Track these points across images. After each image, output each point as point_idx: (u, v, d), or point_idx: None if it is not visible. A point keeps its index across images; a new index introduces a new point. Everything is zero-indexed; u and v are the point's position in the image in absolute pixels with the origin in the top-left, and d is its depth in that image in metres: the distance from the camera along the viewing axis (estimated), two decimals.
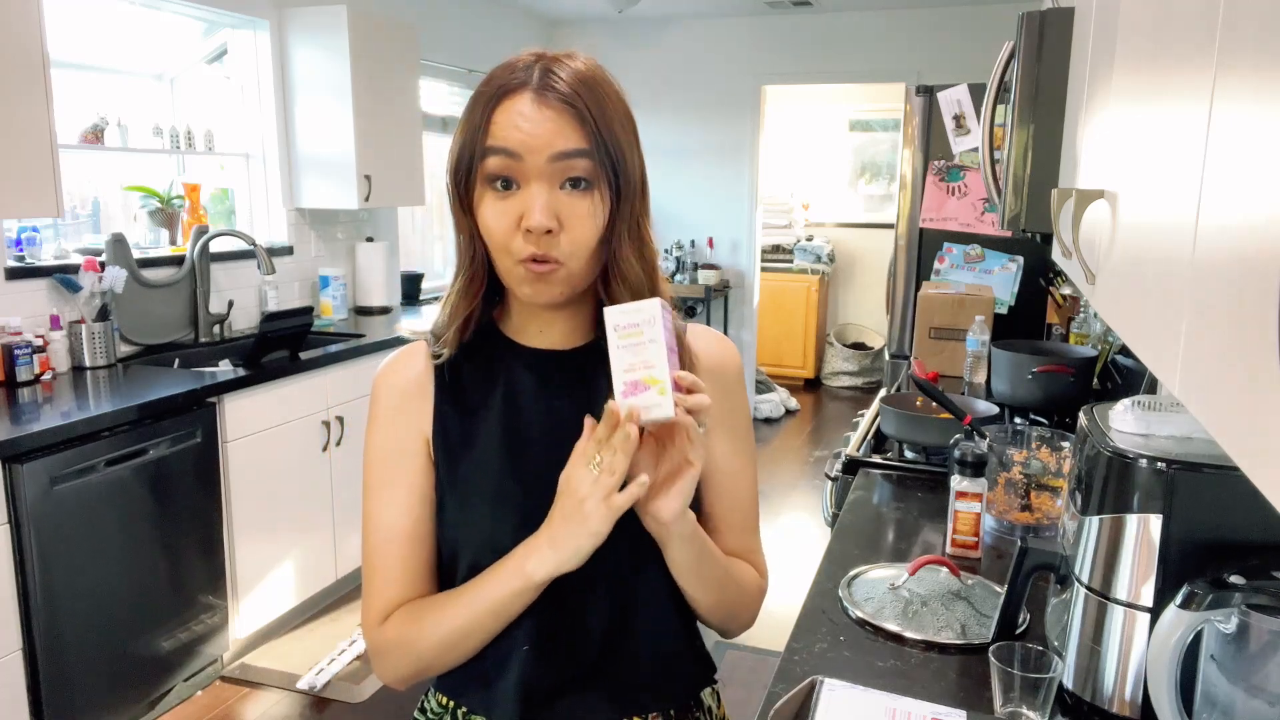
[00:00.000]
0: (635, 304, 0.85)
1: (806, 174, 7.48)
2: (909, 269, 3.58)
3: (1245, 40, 0.53)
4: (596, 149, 0.88)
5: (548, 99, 0.88)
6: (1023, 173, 1.54)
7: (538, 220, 0.87)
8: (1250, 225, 0.51)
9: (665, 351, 0.83)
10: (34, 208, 2.55)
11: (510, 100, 0.89)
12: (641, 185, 0.95)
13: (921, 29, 5.55)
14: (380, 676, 1.00)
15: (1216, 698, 0.92)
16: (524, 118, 0.87)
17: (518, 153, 0.87)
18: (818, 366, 7.17)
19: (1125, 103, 0.93)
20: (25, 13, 2.43)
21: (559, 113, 0.87)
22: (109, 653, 2.52)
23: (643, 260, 0.94)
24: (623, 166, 0.91)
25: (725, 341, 1.06)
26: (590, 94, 0.89)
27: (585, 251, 0.90)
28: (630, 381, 0.84)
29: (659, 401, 0.83)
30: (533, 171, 0.88)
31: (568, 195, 0.89)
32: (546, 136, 0.87)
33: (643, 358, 0.83)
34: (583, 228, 0.89)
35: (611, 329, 0.84)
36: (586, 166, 0.88)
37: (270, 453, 3.04)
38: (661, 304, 0.85)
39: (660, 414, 0.83)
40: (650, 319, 0.83)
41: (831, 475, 2.09)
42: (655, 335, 0.83)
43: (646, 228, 0.96)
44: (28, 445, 2.26)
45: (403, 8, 4.51)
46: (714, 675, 1.09)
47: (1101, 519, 1.04)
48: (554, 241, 0.88)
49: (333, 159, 3.85)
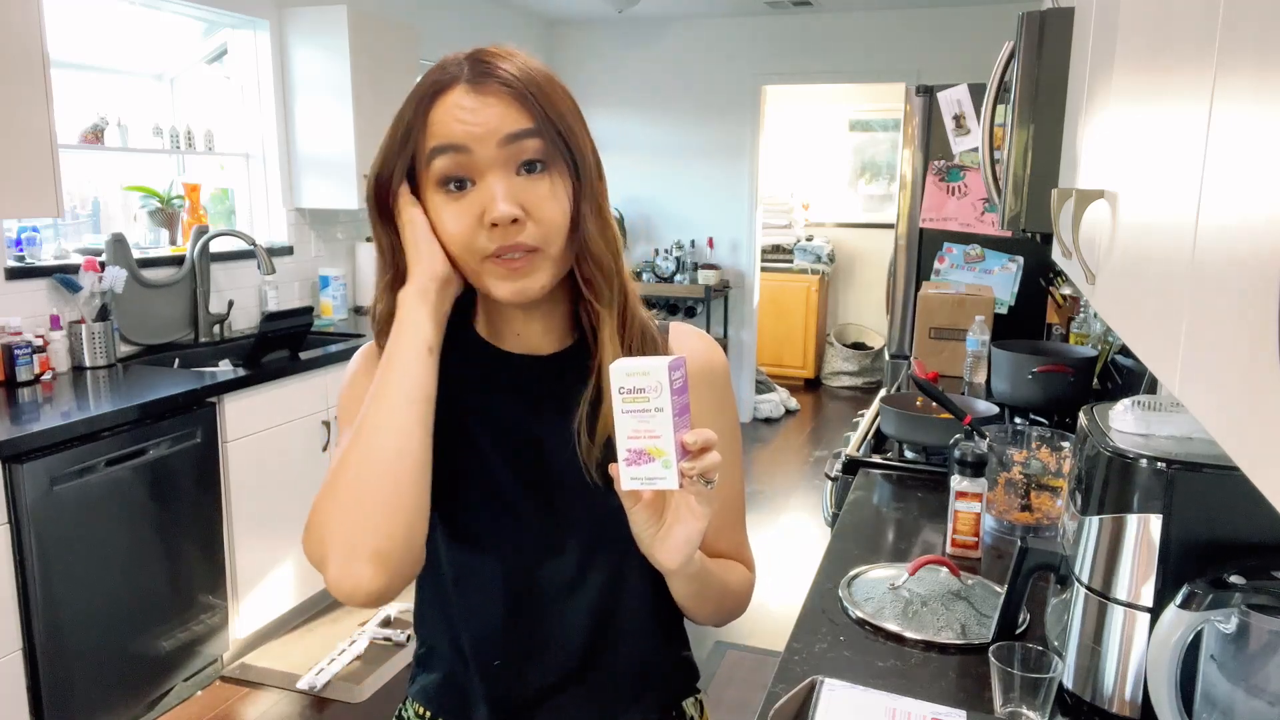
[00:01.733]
0: (642, 364, 0.79)
1: (806, 174, 7.48)
2: (909, 269, 3.58)
3: (1245, 40, 0.53)
4: (544, 127, 0.84)
5: (485, 85, 0.84)
6: (1023, 173, 1.54)
7: (502, 210, 0.82)
8: (1250, 225, 0.51)
9: (672, 419, 0.78)
10: (34, 208, 2.55)
11: (445, 96, 0.84)
12: (597, 166, 0.91)
13: (921, 29, 5.55)
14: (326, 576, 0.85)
15: (1216, 698, 0.92)
16: (463, 109, 0.83)
17: (465, 145, 0.83)
18: (818, 366, 7.17)
19: (1125, 102, 0.93)
20: (25, 13, 2.44)
21: (499, 96, 0.84)
22: (109, 653, 2.52)
23: (608, 242, 0.90)
24: (575, 143, 0.87)
25: (709, 341, 1.03)
26: (527, 76, 0.85)
27: (559, 233, 0.86)
28: (634, 450, 0.79)
29: (663, 475, 0.79)
30: (484, 162, 0.84)
31: (525, 180, 0.85)
32: (492, 122, 0.83)
33: (648, 426, 0.78)
34: (550, 209, 0.85)
35: (616, 390, 0.79)
36: (538, 146, 0.84)
37: (270, 453, 3.04)
38: (670, 364, 0.79)
39: (664, 486, 0.80)
40: (657, 385, 0.78)
41: (831, 475, 2.09)
42: (662, 403, 0.78)
43: (608, 212, 0.92)
44: (28, 445, 2.26)
45: (403, 8, 4.51)
46: (696, 684, 1.08)
47: (1101, 519, 1.04)
48: (522, 229, 0.84)
49: (333, 159, 3.85)
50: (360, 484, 0.84)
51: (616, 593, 0.96)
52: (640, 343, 0.94)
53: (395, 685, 2.90)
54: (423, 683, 1.03)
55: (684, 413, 0.80)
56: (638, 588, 0.96)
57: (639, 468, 0.79)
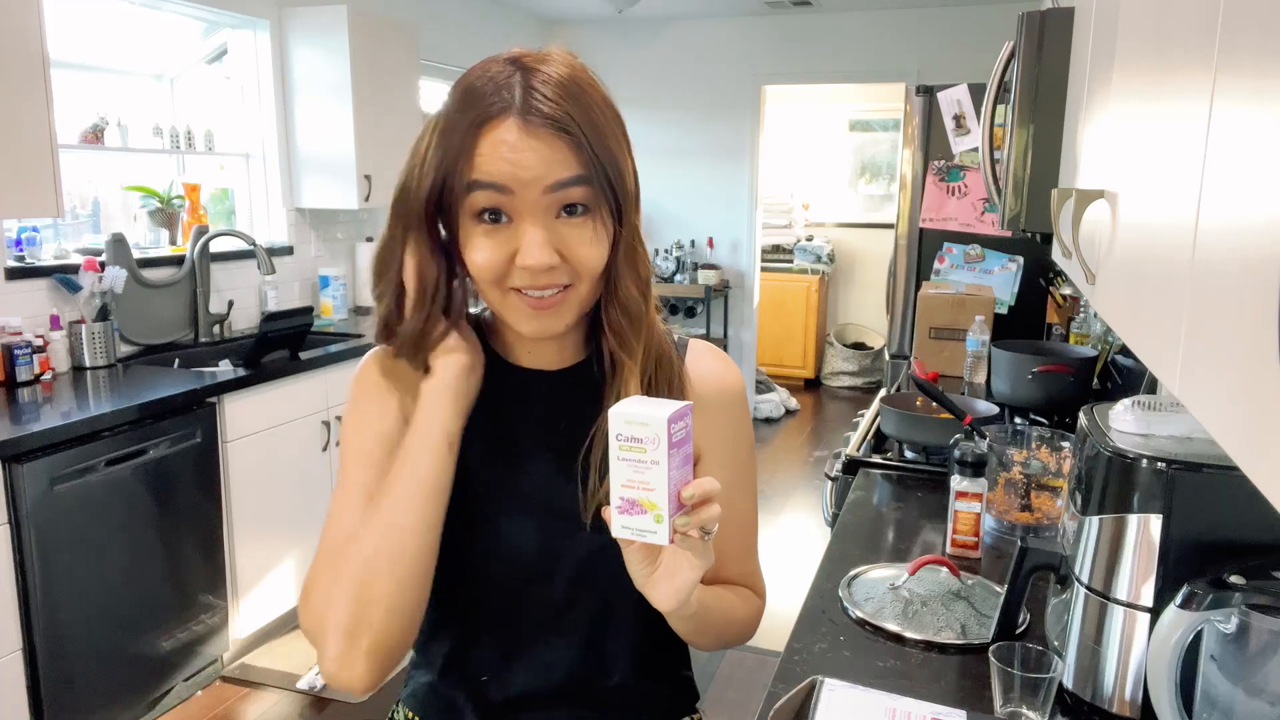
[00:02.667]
0: (643, 413, 0.76)
1: (806, 174, 7.48)
2: (909, 269, 3.58)
3: (1245, 40, 0.53)
4: (594, 174, 0.82)
5: (534, 125, 0.80)
6: (1023, 173, 1.54)
7: (535, 259, 0.81)
8: (1250, 225, 0.51)
9: (667, 473, 0.75)
10: (34, 208, 2.55)
11: (493, 128, 0.80)
12: (636, 197, 0.90)
13: (921, 29, 5.55)
14: (326, 672, 0.86)
15: (1216, 698, 0.92)
16: (511, 148, 0.80)
17: (507, 186, 0.80)
18: (818, 366, 7.17)
19: (1125, 103, 0.93)
20: (25, 13, 2.44)
21: (549, 141, 0.80)
22: (109, 653, 2.52)
23: (638, 280, 0.88)
24: (621, 185, 0.85)
25: (727, 362, 1.01)
26: (580, 110, 0.81)
27: (591, 275, 0.85)
28: (627, 499, 0.77)
29: (654, 529, 0.77)
30: (525, 207, 0.81)
31: (565, 224, 0.83)
32: (539, 167, 0.80)
33: (642, 477, 0.76)
34: (586, 253, 0.83)
35: (614, 435, 0.77)
36: (584, 193, 0.82)
37: (270, 453, 3.04)
38: (671, 417, 0.75)
39: (654, 540, 0.77)
40: (655, 438, 0.75)
41: (831, 475, 2.09)
42: (659, 456, 0.75)
43: (641, 244, 0.90)
44: (28, 445, 2.26)
45: (403, 8, 4.51)
46: (696, 704, 1.07)
47: (1101, 519, 1.04)
48: (555, 273, 0.83)
49: (333, 159, 3.85)
50: (366, 576, 0.84)
51: (606, 621, 0.95)
52: (655, 369, 0.92)
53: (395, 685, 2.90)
54: (413, 687, 1.04)
55: (685, 463, 0.78)
56: (628, 618, 0.94)
57: (631, 517, 0.77)
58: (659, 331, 0.94)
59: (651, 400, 0.80)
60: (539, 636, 0.95)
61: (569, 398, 0.94)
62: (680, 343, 0.99)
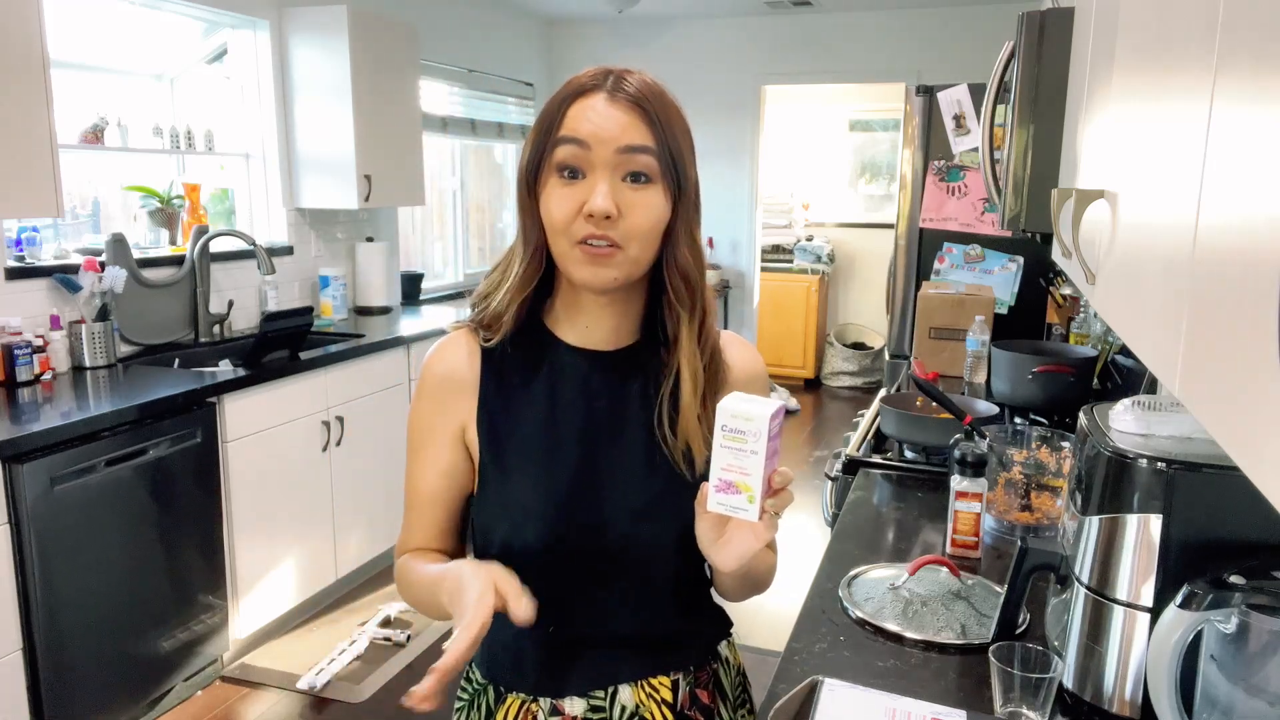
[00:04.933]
0: (749, 408, 0.87)
1: (806, 174, 7.48)
2: (909, 269, 3.58)
3: (1245, 40, 0.53)
4: (660, 148, 0.95)
5: (619, 99, 0.95)
6: (1023, 173, 1.54)
7: (600, 204, 0.92)
8: (1250, 225, 0.51)
9: (764, 461, 0.86)
10: (34, 208, 2.55)
11: (584, 99, 0.95)
12: (696, 195, 1.01)
13: (921, 29, 5.55)
14: None
15: (1216, 698, 0.92)
16: (595, 112, 0.94)
17: (587, 142, 0.93)
18: (818, 366, 7.17)
19: (1125, 103, 0.93)
20: (25, 13, 2.43)
21: (628, 111, 0.94)
22: (109, 653, 2.52)
23: (695, 257, 1.01)
24: (683, 169, 0.98)
25: (752, 349, 1.14)
26: (658, 101, 0.97)
27: (643, 238, 0.96)
28: (725, 481, 0.88)
29: (746, 508, 0.88)
30: (599, 161, 0.94)
31: (630, 187, 0.95)
32: (616, 130, 0.94)
33: (741, 463, 0.87)
34: (642, 216, 0.95)
35: (720, 425, 0.87)
36: (649, 163, 0.95)
37: (270, 453, 3.04)
38: (773, 414, 0.86)
39: (745, 517, 0.88)
40: (756, 432, 0.86)
41: (831, 475, 2.09)
42: (758, 447, 0.86)
43: (698, 233, 1.02)
44: (28, 445, 2.26)
45: (403, 8, 4.51)
46: (729, 629, 1.15)
47: (1101, 519, 1.04)
48: (613, 225, 0.93)
49: (333, 159, 3.85)
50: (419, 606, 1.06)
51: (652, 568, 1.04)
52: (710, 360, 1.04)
53: (395, 685, 2.90)
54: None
55: (775, 455, 0.88)
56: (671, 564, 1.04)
57: (727, 495, 0.88)
58: (714, 314, 1.05)
59: (752, 398, 0.89)
60: (593, 585, 1.03)
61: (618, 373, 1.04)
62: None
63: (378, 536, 3.59)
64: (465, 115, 5.28)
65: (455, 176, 5.41)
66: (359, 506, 3.47)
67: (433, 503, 1.07)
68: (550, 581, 0.99)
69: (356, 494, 3.45)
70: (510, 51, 5.67)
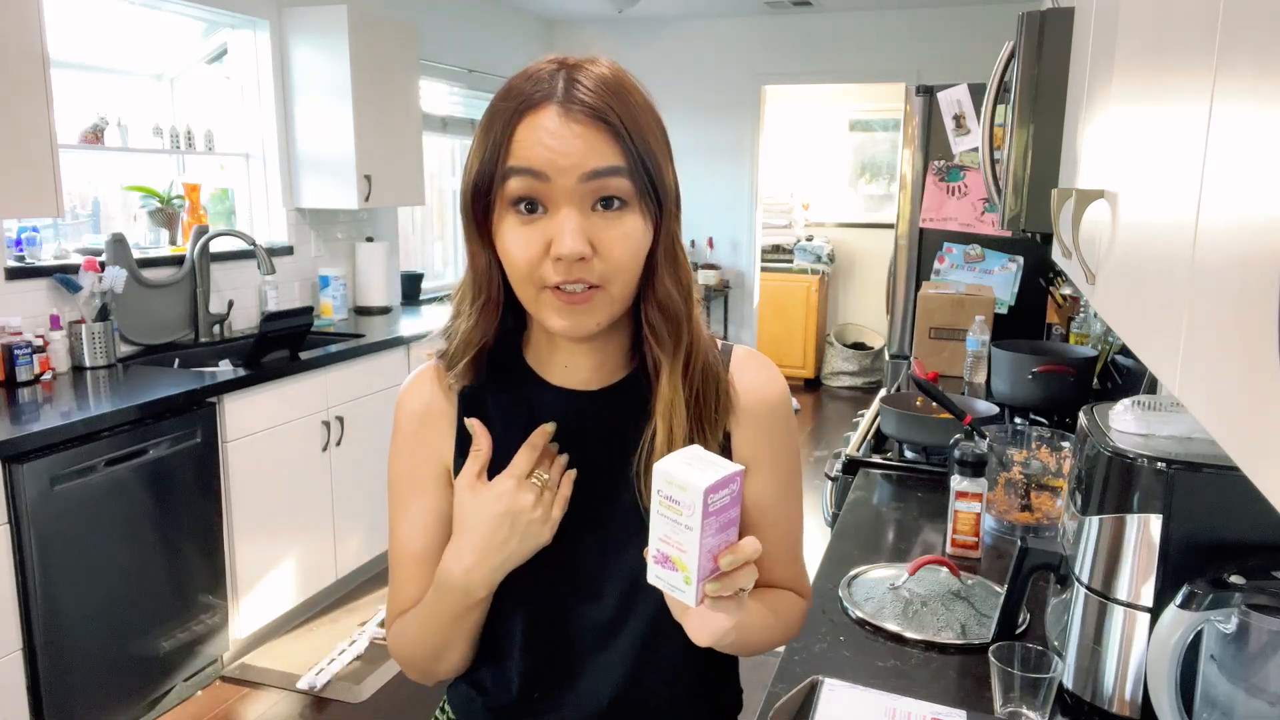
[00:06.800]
0: (684, 477, 0.74)
1: (806, 174, 7.48)
2: (909, 269, 3.58)
3: (1245, 40, 0.53)
4: (633, 164, 0.80)
5: (574, 112, 0.79)
6: (1023, 173, 1.54)
7: (569, 246, 0.78)
8: (1250, 225, 0.51)
9: (699, 540, 0.74)
10: (34, 208, 2.55)
11: (533, 115, 0.80)
12: (676, 200, 0.87)
13: (921, 29, 5.55)
14: None
15: (1216, 698, 0.92)
16: (550, 134, 0.79)
17: (544, 172, 0.79)
18: (818, 366, 7.17)
19: (1125, 103, 0.93)
20: (25, 13, 2.43)
21: (589, 127, 0.79)
22: (109, 653, 2.52)
23: (679, 285, 0.87)
24: (660, 182, 0.83)
25: (770, 370, 0.99)
26: (621, 104, 0.81)
27: (623, 274, 0.82)
28: (661, 553, 0.77)
29: (683, 589, 0.77)
30: (561, 193, 0.79)
31: (601, 217, 0.81)
32: (577, 154, 0.79)
33: (677, 538, 0.76)
34: (621, 249, 0.81)
35: (655, 490, 0.77)
36: (621, 185, 0.80)
37: (270, 453, 3.04)
38: (709, 488, 0.74)
39: (681, 599, 0.78)
40: (691, 506, 0.74)
41: (831, 475, 2.09)
42: (693, 523, 0.74)
43: (681, 247, 0.89)
44: (28, 445, 2.26)
45: (403, 8, 4.51)
46: (736, 714, 1.06)
47: (1101, 519, 1.04)
48: (587, 266, 0.80)
49: (333, 159, 3.85)
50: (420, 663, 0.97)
51: (655, 640, 0.93)
52: (702, 385, 0.90)
53: (395, 685, 2.90)
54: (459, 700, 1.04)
55: (725, 529, 0.76)
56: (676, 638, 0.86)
57: (663, 569, 0.78)
58: (703, 339, 0.92)
59: (700, 459, 0.77)
60: (588, 655, 0.94)
61: (608, 415, 0.92)
62: (724, 349, 0.97)
63: (378, 537, 3.59)
64: (465, 115, 5.28)
65: (455, 176, 5.41)
66: (359, 506, 3.47)
67: (425, 560, 0.94)
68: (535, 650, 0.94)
69: (356, 494, 3.45)
70: (510, 51, 5.67)
